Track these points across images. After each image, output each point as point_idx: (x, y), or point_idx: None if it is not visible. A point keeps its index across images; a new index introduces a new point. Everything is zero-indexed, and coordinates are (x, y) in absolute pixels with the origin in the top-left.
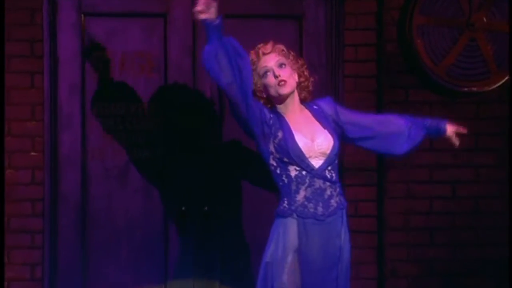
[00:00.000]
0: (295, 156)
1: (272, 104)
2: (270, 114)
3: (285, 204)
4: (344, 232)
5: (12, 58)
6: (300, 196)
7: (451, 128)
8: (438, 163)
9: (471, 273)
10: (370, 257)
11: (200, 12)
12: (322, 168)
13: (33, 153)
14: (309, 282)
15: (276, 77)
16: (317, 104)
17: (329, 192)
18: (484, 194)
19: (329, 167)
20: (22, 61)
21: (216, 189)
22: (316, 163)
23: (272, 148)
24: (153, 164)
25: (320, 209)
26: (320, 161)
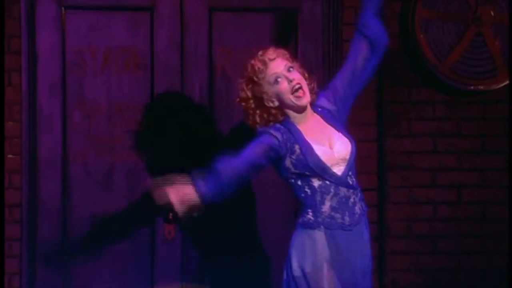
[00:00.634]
0: (317, 168)
1: (282, 113)
2: (280, 134)
3: (310, 216)
4: (368, 239)
5: None
6: (326, 207)
7: None
8: (442, 166)
9: (477, 284)
10: None
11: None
12: (345, 175)
13: (10, 156)
14: None
15: (290, 81)
16: (319, 106)
17: (353, 199)
18: (491, 199)
19: (350, 173)
20: None
21: None
22: (339, 170)
23: (289, 164)
24: (139, 168)
25: (347, 219)
26: (342, 168)
